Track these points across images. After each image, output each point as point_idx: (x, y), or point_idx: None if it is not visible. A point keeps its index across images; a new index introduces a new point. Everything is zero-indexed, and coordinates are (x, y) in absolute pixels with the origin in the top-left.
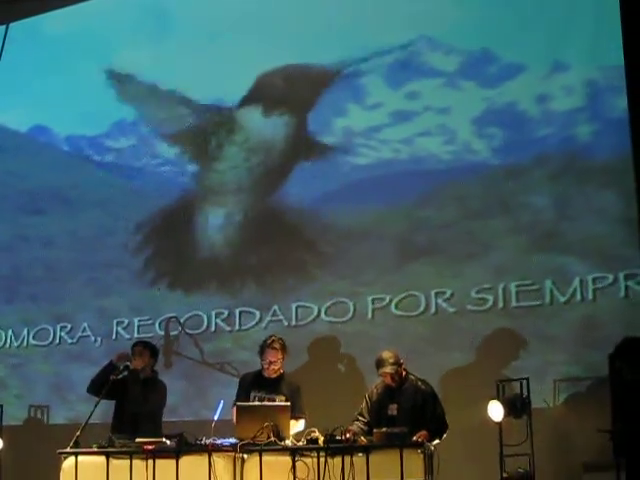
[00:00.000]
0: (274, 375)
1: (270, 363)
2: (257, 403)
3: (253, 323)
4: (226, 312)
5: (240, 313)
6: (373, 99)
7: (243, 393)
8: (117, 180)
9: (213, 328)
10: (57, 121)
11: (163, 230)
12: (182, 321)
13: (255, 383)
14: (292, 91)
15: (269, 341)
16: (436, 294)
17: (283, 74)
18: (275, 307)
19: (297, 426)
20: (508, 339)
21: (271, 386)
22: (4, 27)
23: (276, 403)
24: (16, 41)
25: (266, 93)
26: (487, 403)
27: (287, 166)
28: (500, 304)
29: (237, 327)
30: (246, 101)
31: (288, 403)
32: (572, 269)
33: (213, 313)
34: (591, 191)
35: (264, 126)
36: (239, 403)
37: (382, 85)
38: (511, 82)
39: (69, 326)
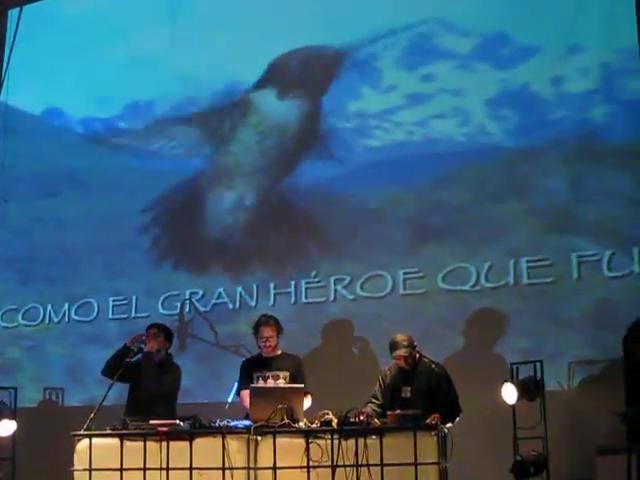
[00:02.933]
0: (272, 353)
1: (266, 339)
2: (271, 385)
3: (267, 305)
4: (240, 294)
5: (254, 295)
6: (387, 81)
7: (245, 377)
8: (131, 162)
9: (227, 310)
10: (71, 103)
11: (177, 212)
12: (197, 303)
13: (256, 364)
14: (306, 74)
15: (262, 319)
16: (450, 276)
17: (297, 56)
18: (289, 289)
19: (305, 403)
20: (522, 321)
21: (272, 364)
22: (18, 9)
23: (290, 385)
24: (30, 23)
25: (280, 76)
26: (501, 386)
27: (301, 148)
28: (514, 286)
29: (251, 309)
30: (260, 84)
31: (302, 385)
32: (587, 251)
33: (227, 295)
34: (605, 173)
35: (278, 108)
36: (253, 385)
37: (396, 67)
38: (525, 64)
39: (84, 308)
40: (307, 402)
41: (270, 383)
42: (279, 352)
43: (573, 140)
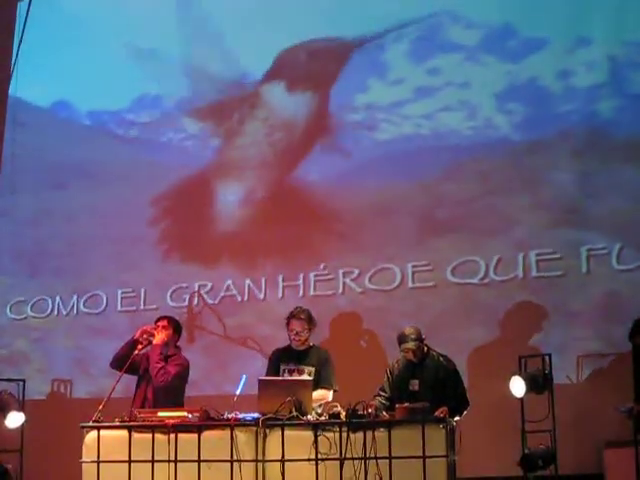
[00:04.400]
0: (301, 346)
1: (296, 333)
2: (279, 377)
3: (275, 297)
4: (248, 286)
5: (262, 287)
6: (395, 74)
7: (272, 368)
8: (139, 155)
9: (235, 303)
10: (79, 96)
11: (186, 205)
12: (205, 296)
13: (284, 356)
14: (314, 66)
15: (295, 312)
16: (459, 269)
17: (305, 50)
18: (298, 282)
19: (325, 397)
20: (530, 314)
21: (300, 357)
22: (27, 2)
23: (298, 378)
24: (38, 16)
25: (288, 69)
26: (509, 379)
27: (309, 141)
28: (522, 279)
29: (258, 301)
30: (269, 77)
31: (310, 378)
32: (595, 244)
33: (235, 287)
34: (613, 167)
35: (286, 101)
36: (261, 377)
37: (404, 60)
38: (533, 57)
39: (91, 300)
40: (327, 397)
41: (295, 377)
42: (309, 345)
43: (581, 134)
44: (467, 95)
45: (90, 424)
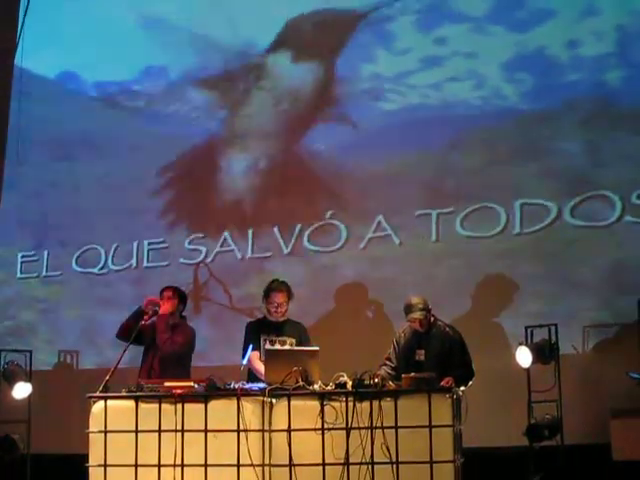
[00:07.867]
0: (281, 318)
1: (278, 305)
2: (287, 347)
3: (280, 268)
4: (254, 257)
5: (267, 258)
6: (402, 44)
7: (254, 338)
8: (146, 126)
9: (241, 273)
10: (86, 67)
11: (191, 175)
12: (211, 266)
13: (262, 328)
14: (321, 37)
15: (274, 284)
16: (464, 239)
17: (312, 19)
18: (301, 253)
19: None
20: (537, 284)
21: (279, 329)
22: None
23: (305, 348)
24: None
25: (295, 39)
26: (515, 349)
27: (315, 111)
28: (529, 250)
29: (264, 272)
30: (275, 47)
31: (317, 348)
32: (602, 214)
33: (241, 258)
34: (620, 136)
35: (292, 71)
36: (268, 347)
37: (411, 30)
38: (541, 27)
39: (97, 272)
40: None
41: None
42: (285, 318)
43: (588, 103)
44: (474, 65)
45: (97, 394)
